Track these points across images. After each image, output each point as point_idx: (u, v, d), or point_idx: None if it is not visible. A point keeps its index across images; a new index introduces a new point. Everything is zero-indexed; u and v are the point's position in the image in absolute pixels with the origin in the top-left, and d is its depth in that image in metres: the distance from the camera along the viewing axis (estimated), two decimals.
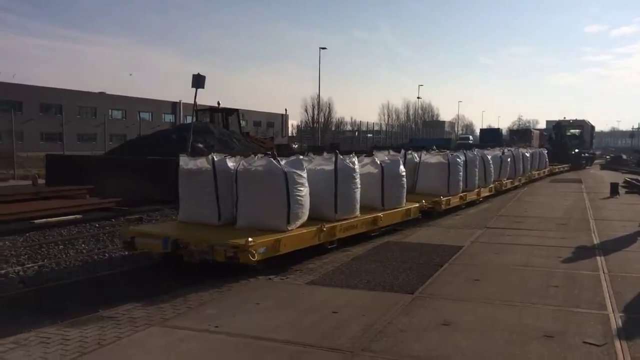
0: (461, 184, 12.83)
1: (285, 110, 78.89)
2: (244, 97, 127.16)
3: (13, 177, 20.73)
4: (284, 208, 6.94)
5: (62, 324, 4.71)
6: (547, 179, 23.99)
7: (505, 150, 18.44)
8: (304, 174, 7.32)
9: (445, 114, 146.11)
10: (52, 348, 4.15)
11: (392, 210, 9.40)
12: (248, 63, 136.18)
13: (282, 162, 7.14)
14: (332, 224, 7.66)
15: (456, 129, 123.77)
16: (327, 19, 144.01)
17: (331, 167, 8.00)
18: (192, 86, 13.42)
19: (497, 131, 52.84)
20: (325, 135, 67.75)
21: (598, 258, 7.36)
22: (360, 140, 58.92)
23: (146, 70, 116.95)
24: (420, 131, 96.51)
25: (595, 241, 8.64)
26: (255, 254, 6.07)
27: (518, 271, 6.67)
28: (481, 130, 61.19)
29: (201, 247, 6.31)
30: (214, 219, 7.40)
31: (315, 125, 69.84)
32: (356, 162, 8.37)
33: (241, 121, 24.75)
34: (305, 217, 7.30)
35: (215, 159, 7.52)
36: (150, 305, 5.24)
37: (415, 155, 12.72)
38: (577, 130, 40.08)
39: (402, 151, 12.41)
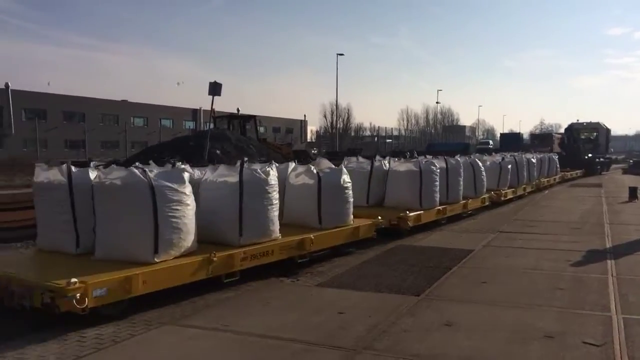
0: (437, 195, 10.74)
1: (304, 116, 79.37)
2: (263, 104, 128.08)
3: None
4: (150, 233, 5.38)
5: (79, 324, 4.92)
6: (558, 186, 22.44)
7: (507, 156, 16.45)
8: (185, 189, 5.73)
9: (466, 119, 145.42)
10: (69, 344, 4.36)
11: (331, 230, 7.72)
12: (267, 70, 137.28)
13: (153, 173, 5.63)
14: (229, 252, 5.98)
15: (477, 134, 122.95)
16: (345, 25, 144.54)
17: (236, 178, 6.36)
18: (209, 94, 13.70)
19: (517, 136, 52.40)
20: (344, 140, 67.96)
21: (608, 261, 7.37)
22: (378, 146, 58.92)
23: (167, 78, 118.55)
24: (440, 136, 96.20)
25: (608, 245, 8.64)
26: (87, 299, 4.53)
27: (526, 274, 6.74)
28: (501, 134, 60.69)
29: (21, 288, 4.80)
30: (71, 247, 5.85)
31: (333, 130, 70.06)
32: (272, 172, 6.65)
33: (259, 128, 25.05)
34: (187, 245, 5.72)
35: (73, 170, 5.94)
36: (164, 307, 5.42)
37: (385, 162, 10.93)
38: (591, 134, 37.88)
39: (380, 157, 11.10)
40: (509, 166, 15.73)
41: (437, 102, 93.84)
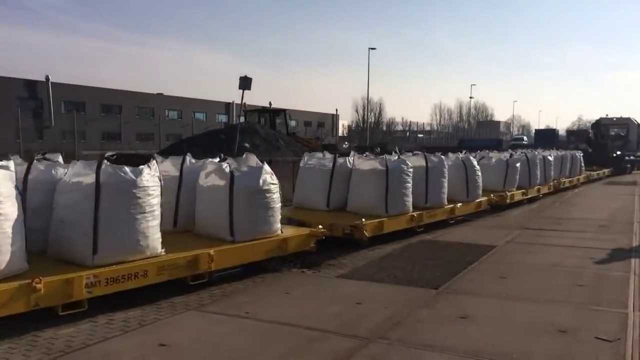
0: (408, 199, 9.02)
1: (336, 110, 79.31)
2: (296, 98, 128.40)
3: None
4: None
5: (109, 308, 5.19)
6: (584, 186, 20.19)
7: (517, 153, 14.80)
8: None
9: (501, 114, 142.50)
10: (99, 326, 4.62)
11: (243, 244, 6.21)
12: (301, 64, 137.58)
13: None
14: (67, 276, 4.64)
15: (511, 130, 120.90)
16: (380, 19, 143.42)
17: (92, 179, 5.09)
18: (239, 88, 13.96)
19: (552, 132, 51.44)
20: (375, 135, 67.76)
21: (632, 260, 7.31)
22: (409, 141, 58.58)
23: (201, 71, 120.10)
24: (473, 132, 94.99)
25: (635, 243, 8.55)
26: None
27: (547, 270, 6.75)
28: (536, 130, 59.66)
29: None
30: None
31: (364, 125, 69.92)
32: (146, 172, 5.32)
33: (290, 121, 25.30)
34: None
35: None
36: (190, 294, 5.65)
37: (349, 160, 9.35)
38: (621, 130, 35.18)
39: (349, 154, 9.53)
40: (517, 164, 13.86)
41: (470, 97, 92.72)
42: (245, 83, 13.75)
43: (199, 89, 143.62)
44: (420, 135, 71.10)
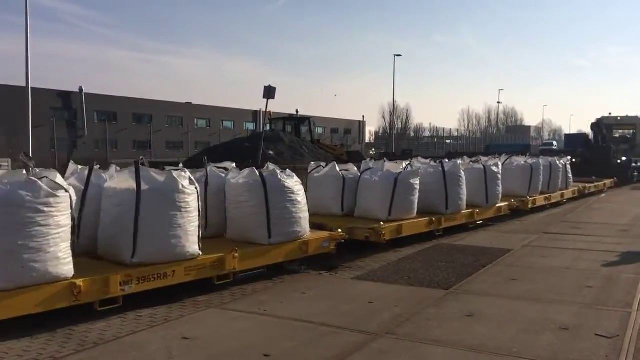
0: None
1: (363, 117, 79.55)
2: (323, 105, 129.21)
3: None
4: None
5: (138, 305, 5.57)
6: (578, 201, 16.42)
7: (459, 161, 11.00)
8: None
9: (531, 119, 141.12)
10: (128, 321, 5.00)
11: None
12: (329, 71, 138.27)
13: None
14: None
15: (542, 135, 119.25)
16: (406, 25, 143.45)
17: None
18: (264, 97, 14.38)
19: (582, 136, 50.73)
20: (402, 141, 67.79)
21: None
22: (436, 147, 58.44)
23: (230, 80, 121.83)
24: (503, 137, 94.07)
25: None
26: None
27: (558, 273, 6.92)
28: (566, 135, 58.78)
29: None
30: None
31: (391, 131, 70.02)
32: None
33: (314, 129, 25.68)
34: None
35: None
36: (213, 293, 6.00)
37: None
38: (628, 131, 30.08)
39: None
40: (460, 177, 10.55)
41: (498, 102, 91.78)
42: (269, 92, 14.16)
43: (227, 97, 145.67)
44: (448, 141, 70.76)
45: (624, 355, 4.13)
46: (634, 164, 25.29)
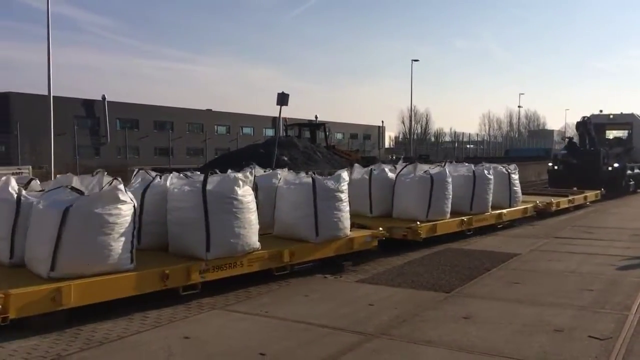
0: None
1: (382, 122, 79.49)
2: (343, 111, 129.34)
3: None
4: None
5: (144, 306, 5.76)
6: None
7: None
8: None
9: (553, 123, 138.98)
10: (134, 321, 5.19)
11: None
12: (348, 77, 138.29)
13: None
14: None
15: (565, 139, 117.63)
16: (426, 31, 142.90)
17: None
18: (277, 104, 14.60)
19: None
20: (422, 146, 67.55)
21: None
22: (455, 152, 58.12)
23: (249, 87, 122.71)
24: (525, 141, 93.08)
25: None
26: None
27: (562, 276, 6.94)
28: None
29: None
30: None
31: (410, 136, 69.86)
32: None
33: (329, 134, 25.85)
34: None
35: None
36: (218, 295, 6.17)
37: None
38: (622, 132, 24.30)
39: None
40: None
41: (519, 107, 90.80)
42: (282, 99, 14.37)
43: (247, 104, 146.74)
44: (469, 146, 70.27)
45: (614, 356, 4.18)
46: (629, 171, 20.66)
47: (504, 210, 11.33)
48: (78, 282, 5.00)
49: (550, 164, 20.75)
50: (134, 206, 5.58)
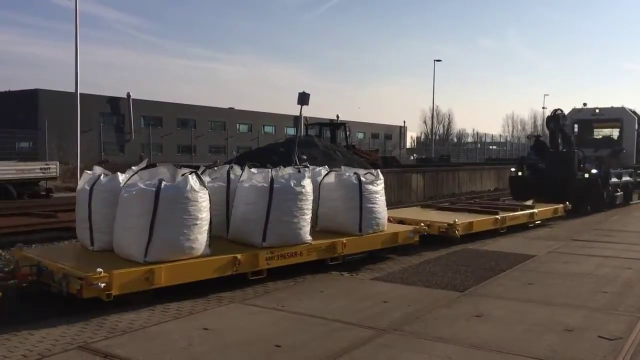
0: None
1: (404, 122, 79.31)
2: (364, 110, 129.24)
3: None
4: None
5: (165, 297, 5.97)
6: None
7: None
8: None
9: None
10: (155, 313, 5.40)
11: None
12: (370, 76, 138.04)
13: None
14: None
15: None
16: (450, 30, 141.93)
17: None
18: (298, 103, 14.75)
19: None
20: (444, 147, 67.25)
21: None
22: (477, 153, 57.73)
23: (271, 85, 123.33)
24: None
25: None
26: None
27: (577, 278, 6.98)
28: None
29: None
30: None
31: (431, 136, 69.59)
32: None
33: (349, 134, 25.95)
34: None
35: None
36: (236, 290, 6.35)
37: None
38: (611, 130, 19.58)
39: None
40: None
41: (543, 108, 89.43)
42: (303, 98, 14.52)
43: (269, 102, 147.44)
44: (492, 147, 69.70)
45: (622, 356, 4.25)
46: (614, 179, 16.23)
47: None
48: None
49: (512, 169, 16.48)
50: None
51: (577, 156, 15.30)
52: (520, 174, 16.01)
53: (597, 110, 18.60)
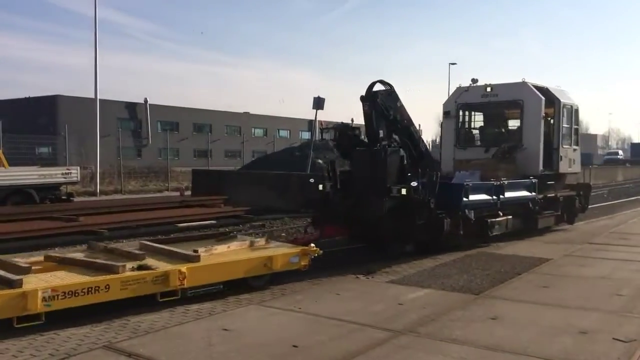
0: None
1: (419, 125, 78.99)
2: None
3: (167, 189, 23.89)
4: None
5: (184, 300, 6.10)
6: None
7: None
8: None
9: (597, 127, 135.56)
10: (176, 314, 5.54)
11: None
12: (385, 79, 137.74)
13: None
14: None
15: (609, 144, 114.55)
16: (463, 31, 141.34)
17: None
18: (313, 107, 14.92)
19: None
20: None
21: None
22: None
23: (286, 90, 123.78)
24: None
25: None
26: None
27: (592, 282, 7.00)
28: (632, 144, 56.59)
29: None
30: None
31: None
32: None
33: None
34: None
35: None
36: (255, 292, 6.48)
37: None
38: (507, 115, 12.77)
39: None
40: None
41: None
42: (318, 103, 14.68)
43: (284, 107, 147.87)
44: None
45: (636, 358, 4.29)
46: (477, 195, 9.64)
47: None
48: None
49: (311, 180, 11.17)
50: None
51: (399, 157, 8.71)
52: (321, 187, 9.02)
53: (489, 89, 12.01)
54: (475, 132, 12.89)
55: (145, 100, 51.56)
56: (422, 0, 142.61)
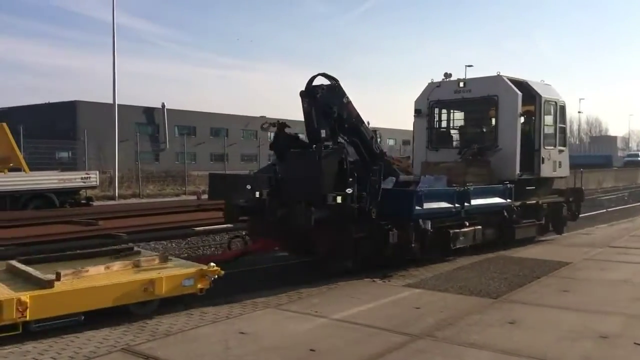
0: None
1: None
2: (396, 117, 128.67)
3: (184, 193, 24.06)
4: None
5: (201, 303, 6.14)
6: None
7: None
8: None
9: (617, 129, 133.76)
10: (193, 318, 5.57)
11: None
12: (399, 82, 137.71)
13: None
14: None
15: (630, 145, 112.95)
16: (477, 32, 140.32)
17: None
18: None
19: None
20: None
21: None
22: None
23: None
24: (586, 148, 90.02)
25: None
26: None
27: (613, 285, 6.90)
28: None
29: None
30: None
31: None
32: None
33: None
34: None
35: None
36: (270, 296, 6.50)
37: None
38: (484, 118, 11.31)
39: None
40: None
41: (579, 112, 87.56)
42: None
43: (300, 110, 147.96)
44: None
45: None
46: (431, 203, 8.21)
47: None
48: None
49: (248, 186, 8.70)
50: None
51: (337, 160, 7.63)
52: (257, 194, 8.11)
53: (462, 85, 10.94)
54: (453, 132, 11.65)
55: (163, 105, 52.07)
56: (433, 1, 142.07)
